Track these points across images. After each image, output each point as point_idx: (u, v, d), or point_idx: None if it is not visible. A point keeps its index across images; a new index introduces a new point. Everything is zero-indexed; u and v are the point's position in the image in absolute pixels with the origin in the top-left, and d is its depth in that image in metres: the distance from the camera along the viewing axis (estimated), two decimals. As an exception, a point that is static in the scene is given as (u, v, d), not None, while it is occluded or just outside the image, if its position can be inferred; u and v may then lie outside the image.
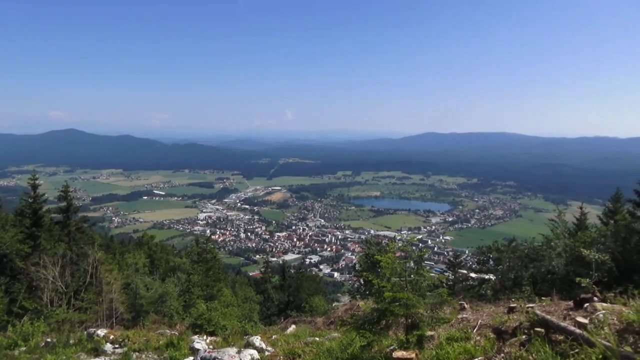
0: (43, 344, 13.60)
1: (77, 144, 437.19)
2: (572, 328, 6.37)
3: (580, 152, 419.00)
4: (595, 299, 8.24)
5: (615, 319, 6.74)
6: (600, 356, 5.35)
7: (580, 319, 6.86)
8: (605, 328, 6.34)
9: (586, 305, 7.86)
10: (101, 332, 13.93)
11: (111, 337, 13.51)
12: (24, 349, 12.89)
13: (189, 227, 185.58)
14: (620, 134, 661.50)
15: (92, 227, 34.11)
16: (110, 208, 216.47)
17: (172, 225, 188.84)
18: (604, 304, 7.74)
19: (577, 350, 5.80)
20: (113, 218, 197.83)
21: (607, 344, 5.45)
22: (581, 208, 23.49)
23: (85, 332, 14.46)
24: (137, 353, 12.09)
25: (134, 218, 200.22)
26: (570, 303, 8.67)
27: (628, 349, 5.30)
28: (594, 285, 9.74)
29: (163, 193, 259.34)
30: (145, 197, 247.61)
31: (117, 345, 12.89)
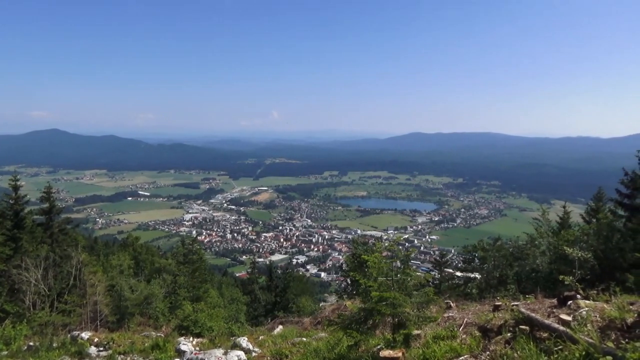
0: (25, 347, 13.37)
1: (60, 144, 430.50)
2: (556, 325, 6.45)
3: (563, 152, 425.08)
4: (579, 296, 8.36)
5: (597, 316, 6.85)
6: (584, 353, 5.43)
7: (563, 317, 6.94)
8: (588, 325, 6.43)
9: (569, 302, 7.97)
10: (85, 335, 13.74)
11: (95, 339, 13.33)
12: (5, 353, 12.66)
13: (175, 228, 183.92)
14: (603, 134, 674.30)
15: (75, 229, 33.62)
16: (94, 209, 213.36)
17: (157, 226, 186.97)
18: (587, 302, 7.85)
19: (560, 347, 5.88)
20: (97, 219, 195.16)
21: (590, 340, 5.52)
22: (564, 207, 23.84)
23: (69, 335, 14.25)
24: (122, 356, 11.95)
25: (118, 219, 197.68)
26: (554, 301, 8.77)
27: (610, 345, 5.39)
28: (577, 283, 9.87)
29: (148, 194, 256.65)
30: (130, 198, 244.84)
31: (101, 348, 12.72)
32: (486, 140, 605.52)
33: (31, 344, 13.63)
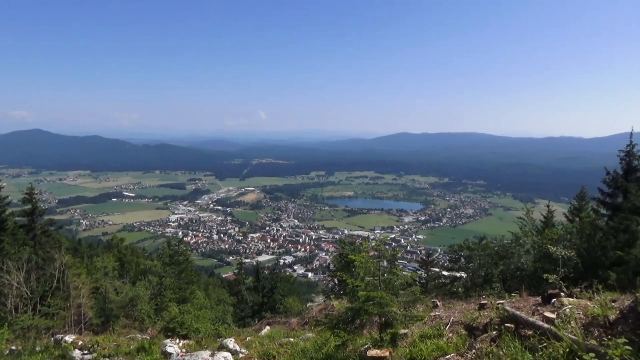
0: (7, 352, 13.14)
1: (43, 144, 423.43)
2: (541, 323, 6.52)
3: (547, 151, 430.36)
4: (562, 294, 8.45)
5: (581, 313, 6.95)
6: (567, 349, 5.50)
7: (548, 314, 7.03)
8: (571, 322, 6.52)
9: (553, 300, 8.06)
10: (69, 338, 13.53)
11: (80, 343, 13.13)
12: (-14, 357, 12.43)
13: (161, 229, 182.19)
14: (585, 135, 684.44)
15: (58, 230, 33.18)
16: (78, 210, 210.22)
17: (142, 228, 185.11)
18: (571, 299, 7.95)
19: (545, 344, 5.94)
20: (81, 221, 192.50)
21: (574, 337, 5.60)
22: (548, 206, 24.16)
23: (53, 339, 14.03)
24: (107, 359, 11.80)
25: (102, 220, 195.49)
26: (539, 299, 8.87)
27: (593, 341, 5.46)
28: (560, 281, 9.99)
29: (133, 195, 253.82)
30: (115, 199, 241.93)
31: (86, 351, 12.54)
32: (471, 140, 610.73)
33: (13, 348, 13.39)
